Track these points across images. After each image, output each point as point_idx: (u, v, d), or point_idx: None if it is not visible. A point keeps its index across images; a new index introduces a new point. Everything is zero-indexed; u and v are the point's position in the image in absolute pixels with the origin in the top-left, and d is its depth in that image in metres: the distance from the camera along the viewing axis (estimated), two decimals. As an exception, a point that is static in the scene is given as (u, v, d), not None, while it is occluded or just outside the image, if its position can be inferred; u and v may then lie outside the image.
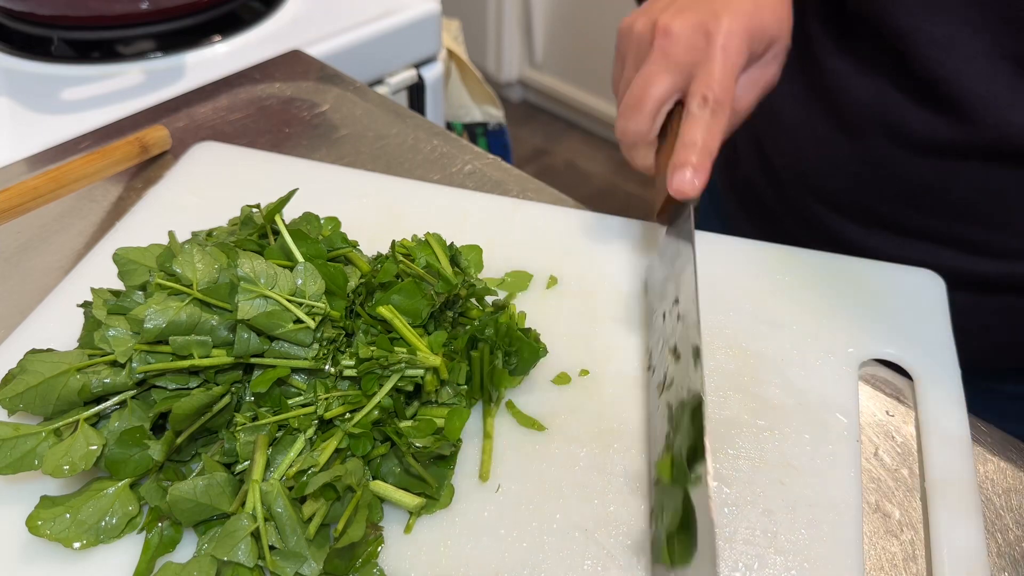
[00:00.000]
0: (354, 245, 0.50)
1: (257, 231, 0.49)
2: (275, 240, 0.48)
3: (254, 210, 0.51)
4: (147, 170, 0.69)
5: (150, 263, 0.48)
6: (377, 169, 0.69)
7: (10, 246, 0.61)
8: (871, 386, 0.50)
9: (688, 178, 0.48)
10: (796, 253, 0.56)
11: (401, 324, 0.43)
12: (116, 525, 0.40)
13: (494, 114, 1.22)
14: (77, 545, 0.39)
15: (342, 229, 0.52)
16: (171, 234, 0.48)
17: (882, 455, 0.46)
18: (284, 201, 0.48)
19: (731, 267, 0.56)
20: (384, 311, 0.43)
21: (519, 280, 0.54)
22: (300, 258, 0.45)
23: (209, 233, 0.52)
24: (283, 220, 0.48)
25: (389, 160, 0.70)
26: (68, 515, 0.39)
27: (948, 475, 0.44)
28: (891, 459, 0.46)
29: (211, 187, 0.62)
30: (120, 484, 0.40)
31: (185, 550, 0.40)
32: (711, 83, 0.49)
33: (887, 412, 0.49)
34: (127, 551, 0.40)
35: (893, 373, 0.51)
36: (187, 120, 0.75)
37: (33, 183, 0.57)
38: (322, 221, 0.52)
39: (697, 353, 0.41)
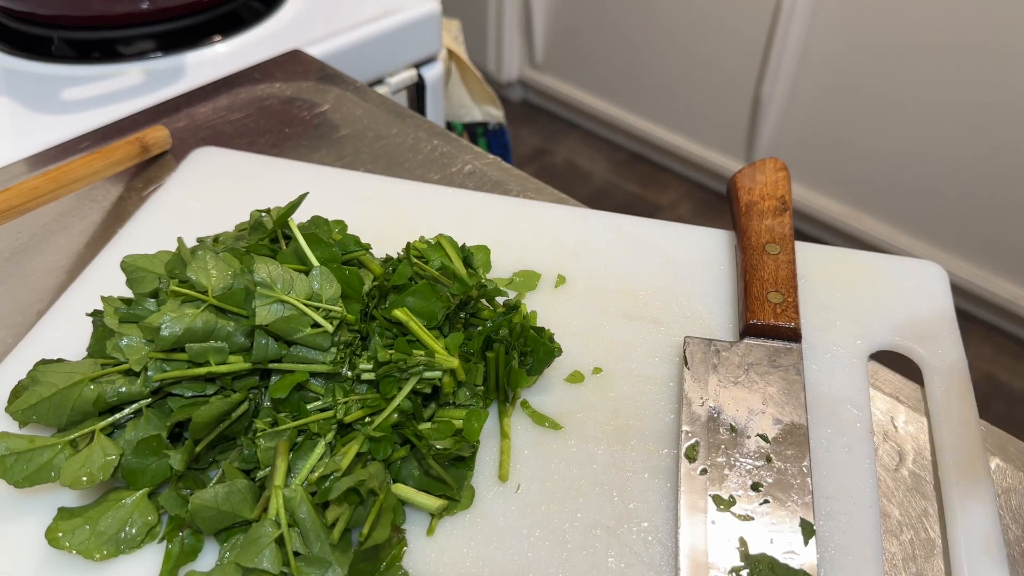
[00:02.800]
0: (367, 248, 0.50)
1: (268, 236, 0.49)
2: (287, 245, 0.48)
3: (263, 215, 0.51)
4: (147, 170, 0.68)
5: (159, 270, 0.47)
6: (377, 169, 0.68)
7: (10, 246, 0.61)
8: (871, 387, 0.50)
9: None
10: (800, 247, 0.56)
11: (417, 326, 0.43)
12: (136, 535, 0.39)
13: (494, 114, 1.21)
14: (98, 556, 0.39)
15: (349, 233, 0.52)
16: (180, 240, 0.47)
17: (881, 455, 0.46)
18: (295, 205, 0.48)
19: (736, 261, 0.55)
20: (399, 314, 0.43)
21: (528, 280, 0.54)
22: (315, 262, 0.45)
23: (216, 239, 0.51)
24: (295, 225, 0.47)
25: (389, 160, 0.70)
26: (87, 526, 0.39)
27: (961, 465, 0.44)
28: (890, 459, 0.46)
29: (213, 192, 0.62)
30: (139, 494, 0.40)
31: (207, 558, 0.40)
32: None
33: (885, 412, 0.48)
34: (148, 561, 0.39)
35: (892, 373, 0.51)
36: (187, 120, 0.74)
37: (33, 183, 0.57)
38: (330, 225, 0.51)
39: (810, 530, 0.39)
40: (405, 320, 0.43)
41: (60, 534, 0.38)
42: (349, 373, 0.42)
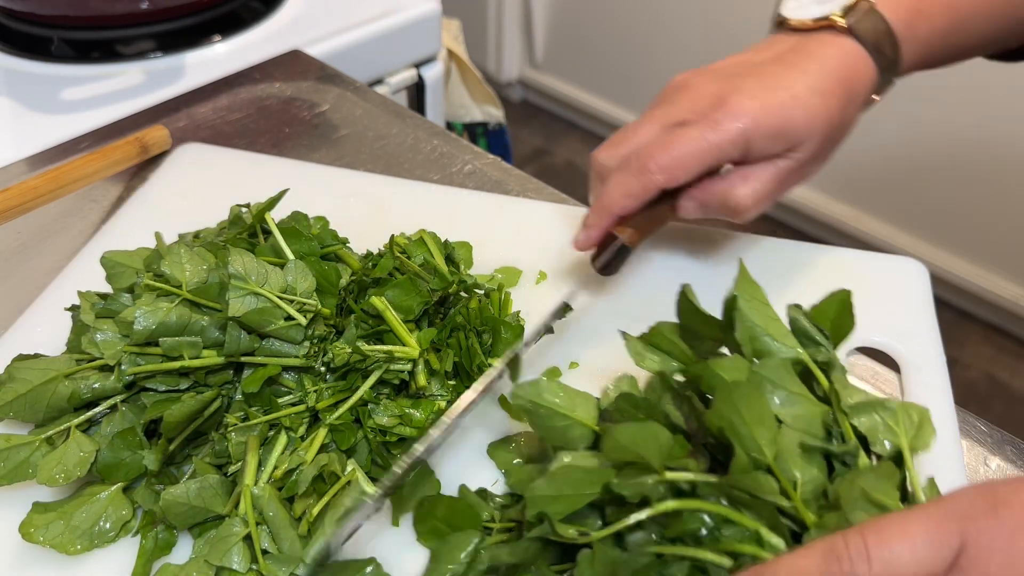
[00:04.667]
0: (344, 242, 0.50)
1: (246, 230, 0.49)
2: (265, 240, 0.48)
3: (243, 210, 0.51)
4: (147, 170, 0.68)
5: (137, 265, 0.47)
6: (377, 169, 0.69)
7: (10, 246, 0.61)
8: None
9: (579, 237, 0.51)
10: (781, 244, 0.56)
11: (392, 317, 0.43)
12: (110, 529, 0.39)
13: (494, 114, 1.21)
14: (72, 550, 0.39)
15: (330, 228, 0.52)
16: (158, 235, 0.47)
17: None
18: (275, 200, 0.48)
19: (714, 258, 0.56)
20: (376, 302, 0.43)
21: (509, 276, 0.54)
22: (291, 255, 0.45)
23: (196, 235, 0.51)
24: (272, 219, 0.47)
25: (389, 160, 0.70)
26: (62, 521, 0.39)
27: (937, 461, 0.43)
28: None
29: (196, 189, 0.62)
30: (113, 489, 0.40)
31: (182, 550, 0.40)
32: (660, 153, 0.46)
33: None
34: (123, 555, 0.39)
35: (874, 363, 0.51)
36: (187, 120, 0.75)
37: (33, 183, 0.57)
38: (311, 220, 0.52)
39: None
40: (382, 309, 0.42)
41: (33, 528, 0.38)
42: (322, 368, 0.42)
